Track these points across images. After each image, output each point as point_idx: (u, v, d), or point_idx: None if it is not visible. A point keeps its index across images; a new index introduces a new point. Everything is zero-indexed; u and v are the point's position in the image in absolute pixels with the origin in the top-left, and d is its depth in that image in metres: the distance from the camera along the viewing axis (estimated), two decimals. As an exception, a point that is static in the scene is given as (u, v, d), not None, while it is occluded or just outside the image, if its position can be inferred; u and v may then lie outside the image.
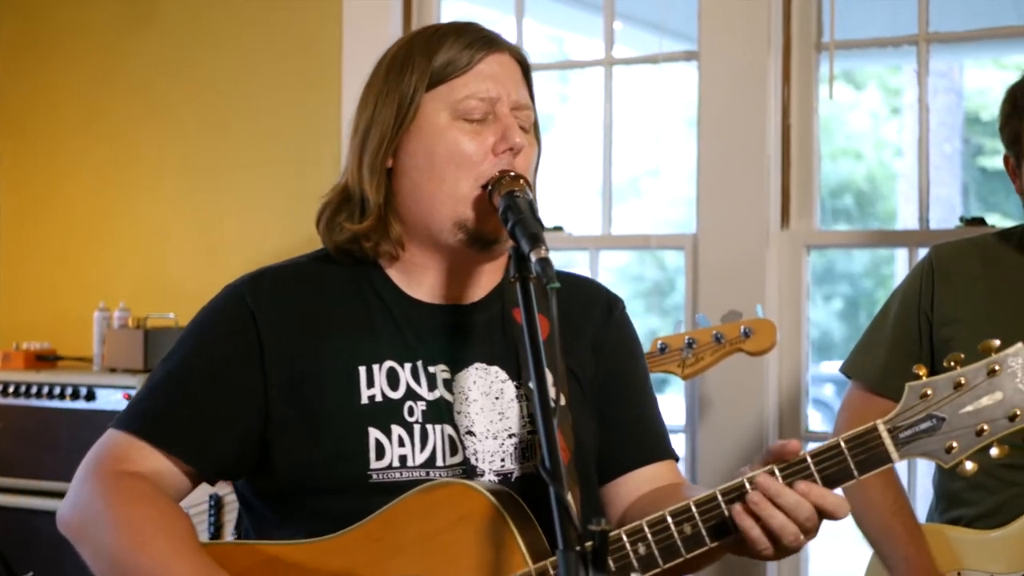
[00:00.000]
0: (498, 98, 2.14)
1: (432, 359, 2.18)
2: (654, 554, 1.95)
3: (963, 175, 9.02)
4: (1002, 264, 3.05)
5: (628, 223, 5.63)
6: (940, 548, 2.99)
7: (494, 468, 2.14)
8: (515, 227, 2.00)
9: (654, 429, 2.29)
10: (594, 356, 2.26)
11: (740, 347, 3.62)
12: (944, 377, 1.89)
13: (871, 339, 3.14)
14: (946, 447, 1.89)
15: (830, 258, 9.52)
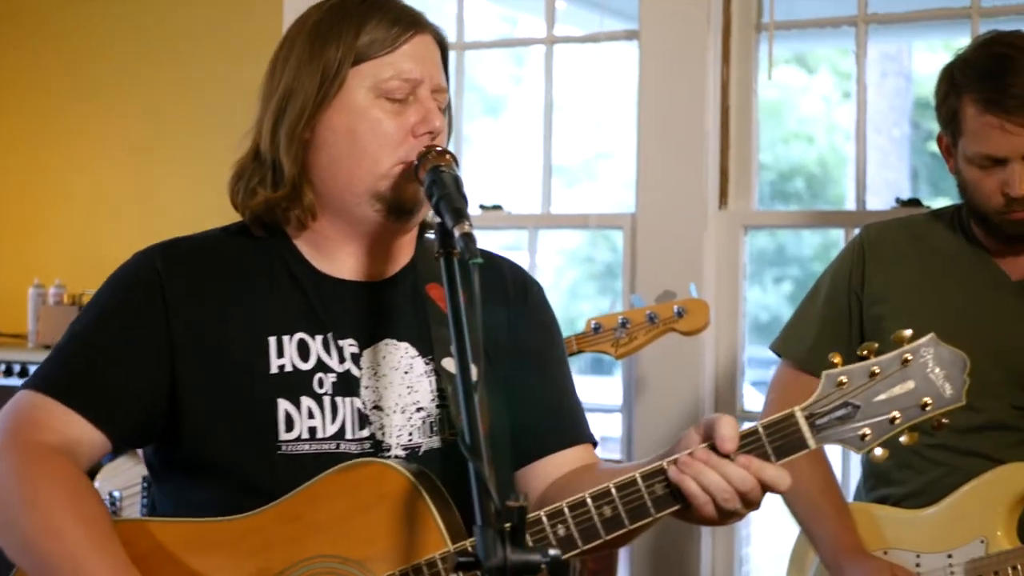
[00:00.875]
0: (421, 80, 2.15)
1: (342, 333, 2.17)
2: (573, 535, 1.96)
3: (913, 159, 9.05)
4: (933, 243, 3.06)
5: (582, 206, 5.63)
6: (867, 526, 2.99)
7: (401, 442, 2.14)
8: (439, 202, 1.99)
9: (571, 413, 2.30)
10: (508, 336, 2.26)
11: (673, 327, 3.63)
12: (859, 366, 1.92)
13: (801, 317, 3.15)
14: (860, 435, 1.92)
15: (780, 241, 9.56)
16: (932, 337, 1.92)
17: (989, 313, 2.95)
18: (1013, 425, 2.92)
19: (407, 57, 2.14)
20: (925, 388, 1.91)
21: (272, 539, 2.04)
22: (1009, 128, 2.81)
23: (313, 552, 2.03)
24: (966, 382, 1.92)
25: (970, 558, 2.87)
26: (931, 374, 1.91)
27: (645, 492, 1.96)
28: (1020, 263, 2.99)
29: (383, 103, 2.14)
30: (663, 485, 1.95)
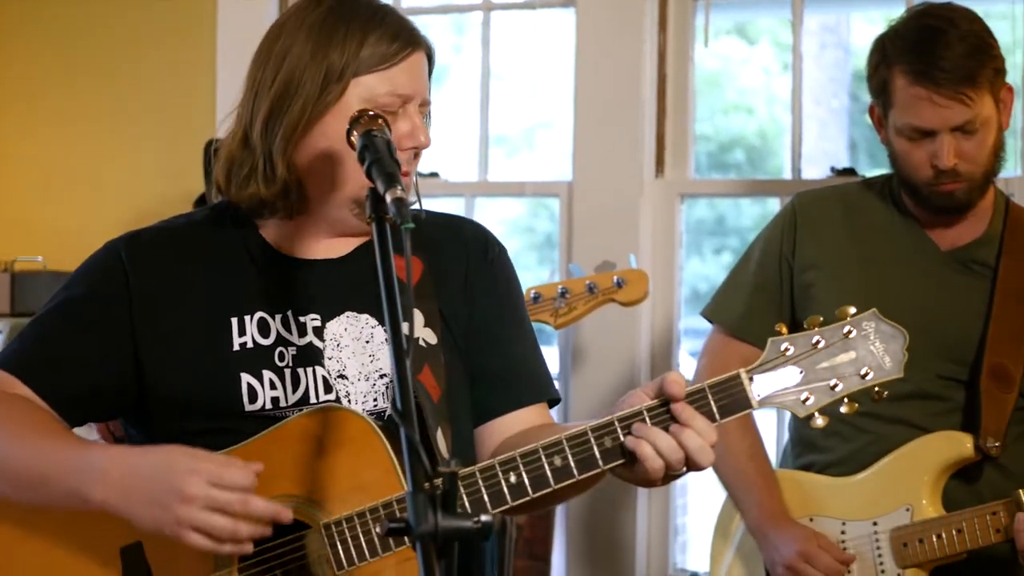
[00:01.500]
0: (412, 96, 2.20)
1: (303, 310, 2.23)
2: (524, 483, 2.03)
3: (851, 131, 9.09)
4: (864, 211, 3.08)
5: (521, 175, 5.63)
6: (794, 493, 3.02)
7: (367, 408, 2.20)
8: (371, 167, 2.01)
9: (530, 371, 2.34)
10: (466, 297, 2.30)
11: (613, 297, 3.64)
12: (803, 335, 2.01)
13: (733, 284, 3.16)
14: (802, 399, 2.01)
15: (720, 212, 9.59)
16: (874, 312, 2.00)
17: (917, 283, 2.97)
18: (938, 395, 2.95)
19: (402, 73, 2.19)
20: (865, 359, 2.01)
21: None
22: (938, 100, 2.83)
23: (276, 491, 2.07)
24: (905, 356, 2.00)
25: (895, 526, 2.90)
26: (872, 347, 2.01)
27: (595, 445, 2.02)
28: (949, 234, 3.01)
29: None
30: (612, 439, 2.02)
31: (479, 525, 1.69)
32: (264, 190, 2.19)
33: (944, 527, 2.85)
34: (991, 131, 2.88)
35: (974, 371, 2.93)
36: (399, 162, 2.03)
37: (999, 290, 2.95)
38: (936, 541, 2.85)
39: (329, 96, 2.15)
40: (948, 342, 2.94)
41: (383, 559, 2.04)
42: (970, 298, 2.97)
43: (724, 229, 9.84)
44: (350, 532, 2.05)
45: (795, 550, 2.90)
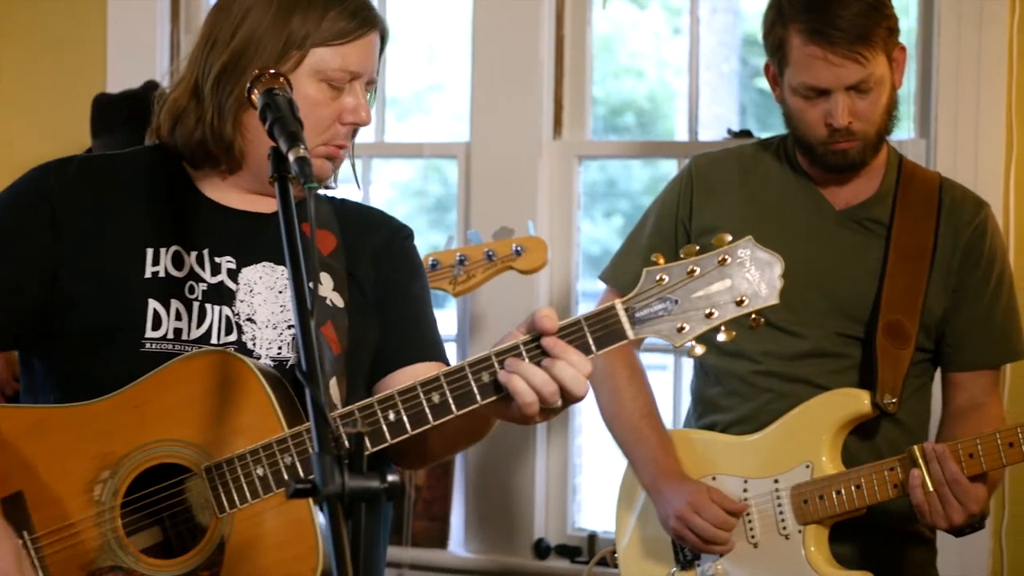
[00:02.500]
0: (361, 74, 2.23)
1: (220, 251, 2.26)
2: (403, 420, 2.04)
3: (741, 95, 9.14)
4: (760, 173, 3.09)
5: (416, 137, 5.60)
6: (696, 453, 3.04)
7: (271, 354, 2.23)
8: (273, 125, 2.00)
9: (428, 333, 2.39)
10: (375, 268, 2.35)
11: (511, 265, 3.64)
12: (678, 264, 1.99)
13: (629, 247, 3.17)
14: (678, 327, 1.99)
15: (611, 174, 9.61)
16: (749, 239, 1.99)
17: (813, 243, 3.00)
18: (837, 352, 2.99)
19: (356, 51, 2.22)
20: (741, 287, 1.98)
21: (116, 424, 2.12)
22: (833, 60, 2.84)
23: (155, 436, 2.10)
24: (781, 282, 1.97)
25: (796, 483, 2.93)
26: (748, 274, 1.98)
27: (472, 380, 2.02)
28: (843, 192, 3.04)
29: (323, 87, 2.21)
30: (490, 373, 2.02)
31: (386, 485, 1.68)
32: (210, 145, 2.22)
33: (843, 483, 2.88)
34: (885, 90, 2.90)
35: (870, 328, 2.97)
36: (302, 121, 2.02)
37: (893, 247, 2.98)
38: (836, 497, 2.88)
39: (287, 63, 2.18)
40: (845, 300, 2.98)
41: (264, 501, 2.06)
42: (865, 256, 3.00)
43: (615, 192, 9.87)
44: (231, 475, 2.07)
45: (686, 501, 2.92)
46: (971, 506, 2.77)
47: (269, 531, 2.07)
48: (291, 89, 2.09)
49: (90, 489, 2.12)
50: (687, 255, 1.99)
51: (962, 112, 3.86)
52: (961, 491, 2.77)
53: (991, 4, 3.83)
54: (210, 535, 2.08)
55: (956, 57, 3.83)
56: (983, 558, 3.84)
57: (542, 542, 4.36)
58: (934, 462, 2.77)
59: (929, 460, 2.78)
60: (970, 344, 3.01)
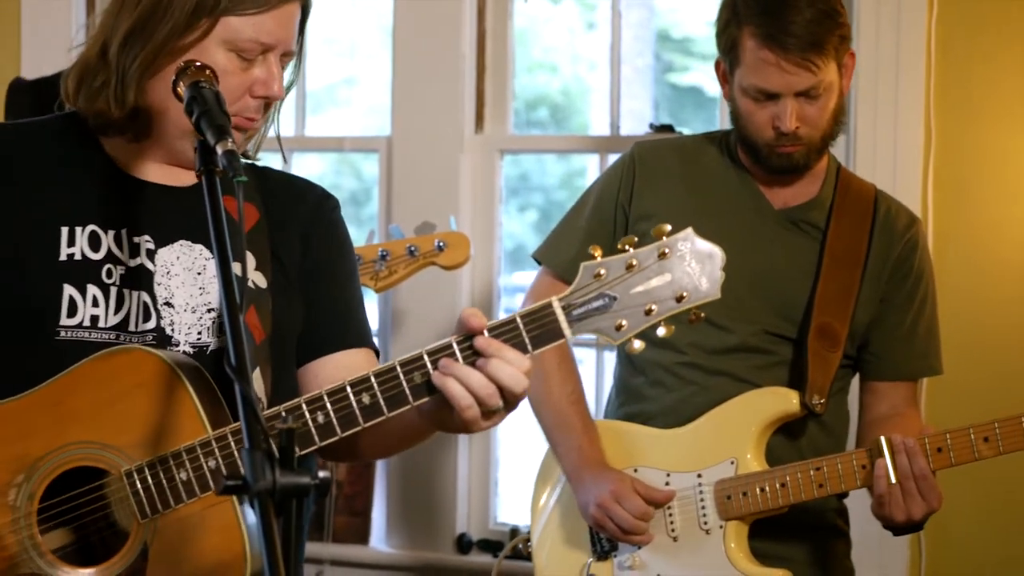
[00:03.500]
0: (275, 45, 2.14)
1: (137, 230, 2.17)
2: (332, 422, 1.98)
3: (655, 90, 9.17)
4: (702, 165, 3.10)
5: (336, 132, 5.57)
6: (620, 444, 3.04)
7: (190, 340, 2.15)
8: (200, 119, 1.96)
9: (356, 318, 2.32)
10: (302, 245, 2.28)
11: (434, 260, 3.62)
12: (617, 258, 1.92)
13: (566, 228, 3.16)
14: (616, 325, 1.92)
15: (525, 169, 9.63)
16: (689, 231, 1.92)
17: (750, 239, 3.01)
18: (764, 349, 3.00)
19: (272, 21, 2.12)
20: (681, 281, 1.91)
21: (32, 425, 2.04)
22: (786, 66, 2.85)
23: (73, 438, 2.03)
24: (722, 276, 1.92)
25: (720, 478, 2.94)
26: (688, 267, 1.91)
27: (404, 380, 1.96)
28: (783, 193, 3.05)
29: (233, 57, 2.12)
30: (422, 374, 1.96)
31: (317, 481, 1.66)
32: (113, 110, 2.13)
33: (768, 481, 2.89)
34: (833, 96, 2.92)
35: (802, 329, 2.99)
36: (229, 114, 1.98)
37: (828, 252, 3.00)
38: (759, 494, 2.90)
39: (196, 31, 2.09)
40: (777, 299, 2.99)
41: (189, 505, 1.99)
42: (800, 257, 3.02)
43: (529, 186, 9.87)
44: (153, 479, 1.99)
45: (609, 489, 2.91)
46: (933, 503, 2.80)
47: (194, 537, 2.00)
48: (217, 82, 2.05)
49: (4, 493, 2.04)
50: (625, 246, 1.92)
51: (881, 110, 3.90)
52: (927, 487, 2.79)
53: (909, 3, 3.87)
54: (132, 541, 2.01)
55: (875, 55, 3.87)
56: (902, 553, 3.89)
57: (464, 537, 4.35)
58: (902, 455, 2.79)
59: (897, 452, 2.79)
60: (893, 354, 3.04)
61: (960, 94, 3.90)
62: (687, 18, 6.63)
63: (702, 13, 5.97)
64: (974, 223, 3.88)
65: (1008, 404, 2.87)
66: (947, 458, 2.80)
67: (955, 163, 3.90)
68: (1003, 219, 3.87)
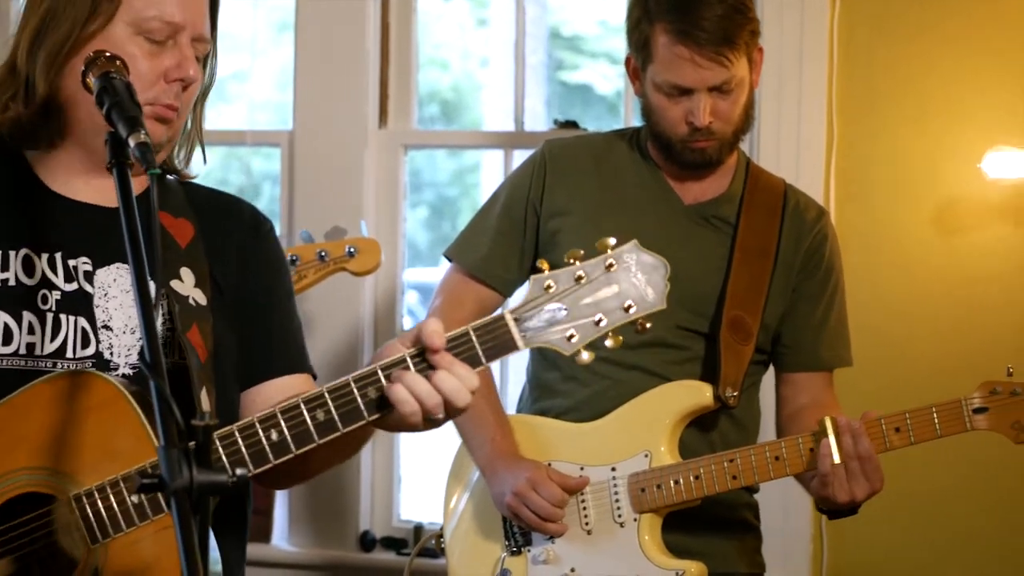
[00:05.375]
0: (182, 26, 2.09)
1: (73, 253, 2.13)
2: (286, 440, 1.95)
3: (548, 88, 9.20)
4: (613, 161, 3.11)
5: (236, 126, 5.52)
6: (533, 438, 3.04)
7: (130, 362, 2.10)
8: (111, 110, 1.92)
9: (295, 343, 2.30)
10: (238, 266, 2.24)
11: (344, 266, 3.61)
12: (565, 271, 1.95)
13: (477, 226, 3.16)
14: (567, 336, 1.94)
15: (416, 166, 9.58)
16: (634, 243, 1.95)
17: (661, 234, 3.01)
18: (676, 344, 3.01)
19: (174, 1, 2.08)
20: (628, 292, 1.94)
21: None
22: (699, 61, 2.87)
23: (19, 464, 1.99)
24: (667, 286, 1.95)
25: (633, 471, 2.94)
26: (634, 279, 1.94)
27: (358, 395, 1.95)
28: (693, 188, 3.07)
29: (141, 41, 2.08)
30: (376, 388, 1.95)
31: (235, 479, 1.65)
32: (23, 110, 2.09)
33: (682, 473, 2.90)
34: (744, 91, 2.95)
35: (714, 323, 3.01)
36: (140, 105, 1.95)
37: (739, 246, 3.02)
38: (674, 487, 2.91)
39: (99, 16, 2.05)
40: (689, 293, 3.00)
41: (141, 528, 1.95)
42: (711, 252, 3.04)
43: (420, 184, 9.85)
44: (103, 503, 1.94)
45: (525, 478, 2.92)
46: (876, 483, 2.83)
47: (147, 560, 1.96)
48: (128, 73, 2.01)
49: None
50: (572, 259, 1.95)
51: (784, 107, 3.94)
52: (871, 467, 2.81)
53: (813, 1, 3.91)
54: (82, 568, 1.96)
55: (779, 52, 3.90)
56: (804, 548, 3.93)
57: (367, 534, 4.33)
58: (847, 435, 2.80)
59: (842, 433, 2.81)
60: (806, 346, 3.07)
61: (862, 91, 3.95)
62: (577, 16, 6.66)
63: (592, 11, 5.99)
64: (875, 218, 3.94)
65: (909, 399, 2.90)
66: (906, 437, 2.83)
67: (857, 159, 3.96)
68: (904, 215, 3.93)
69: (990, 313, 3.85)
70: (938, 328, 3.89)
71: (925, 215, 3.90)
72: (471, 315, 3.11)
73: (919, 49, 3.91)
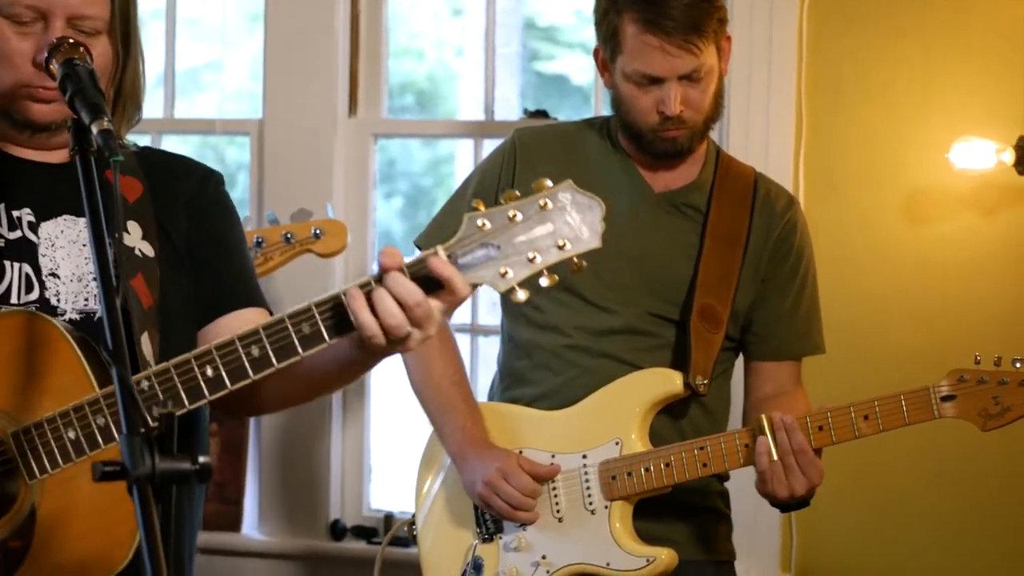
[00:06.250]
0: (48, 10, 2.09)
1: (17, 204, 2.16)
2: (221, 375, 1.97)
3: (522, 78, 9.20)
4: (583, 149, 3.11)
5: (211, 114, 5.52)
6: (504, 426, 3.04)
7: (77, 307, 2.14)
8: (74, 97, 1.95)
9: (248, 280, 2.32)
10: (189, 218, 2.26)
11: (310, 248, 3.60)
12: (499, 209, 1.96)
13: (448, 214, 3.15)
14: (500, 272, 1.95)
15: (391, 156, 9.60)
16: (569, 183, 1.95)
17: (632, 222, 3.02)
18: (647, 331, 3.01)
19: None
20: (562, 231, 1.94)
21: None
22: (669, 49, 2.87)
23: None
24: (602, 226, 1.95)
25: (604, 459, 2.94)
26: (569, 218, 1.94)
27: (292, 331, 1.96)
28: (663, 177, 3.07)
29: (9, 23, 2.09)
30: (310, 324, 1.96)
31: (197, 466, 1.64)
32: None
33: (653, 460, 2.91)
34: (714, 79, 2.96)
35: (684, 311, 3.00)
36: (103, 92, 1.97)
37: (709, 234, 3.02)
38: (644, 474, 2.91)
39: None
40: (660, 281, 3.01)
41: (77, 465, 1.98)
42: (682, 240, 3.04)
43: (394, 173, 9.86)
44: (40, 439, 1.99)
45: (496, 467, 2.92)
46: (814, 478, 2.83)
47: (84, 497, 1.99)
48: (91, 59, 2.03)
49: None
50: (507, 200, 1.96)
51: (753, 97, 3.94)
52: (807, 462, 2.82)
53: (783, -12, 3.93)
54: (19, 504, 2.00)
55: (748, 41, 3.91)
56: (774, 537, 3.95)
57: (338, 523, 4.33)
58: (782, 431, 2.82)
59: (777, 429, 2.82)
60: (775, 334, 3.08)
61: (831, 81, 3.96)
62: (552, 6, 6.65)
63: (567, 2, 5.99)
64: (844, 209, 3.95)
65: (878, 387, 2.91)
66: (828, 436, 2.84)
67: (825, 149, 3.96)
68: (872, 205, 3.94)
69: (958, 302, 3.87)
70: (906, 317, 3.91)
71: (893, 205, 3.91)
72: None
73: (887, 39, 3.92)
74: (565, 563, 2.95)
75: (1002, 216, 3.84)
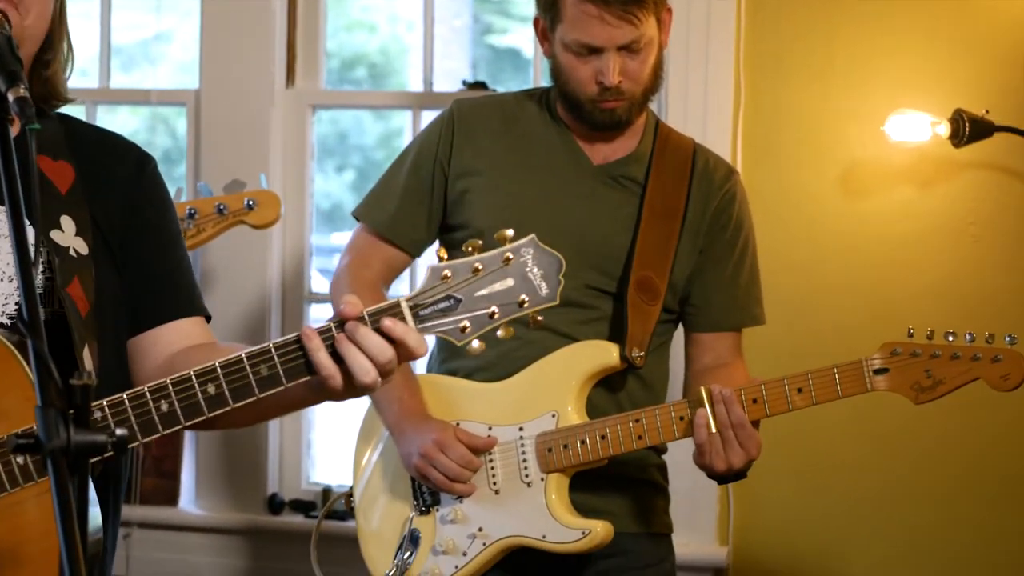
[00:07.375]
0: None
1: None
2: (176, 411, 1.94)
3: (473, 51, 9.17)
4: (523, 121, 3.10)
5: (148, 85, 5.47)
6: (440, 398, 3.03)
7: (7, 311, 2.05)
8: None
9: (186, 284, 2.27)
10: (121, 210, 2.19)
11: (243, 219, 3.57)
12: (463, 261, 1.97)
13: (385, 186, 3.14)
14: (460, 327, 1.98)
15: (343, 128, 9.56)
16: (532, 238, 1.98)
17: (570, 195, 3.02)
18: (585, 303, 3.00)
19: None
20: (523, 287, 1.97)
21: None
22: (608, 19, 2.86)
23: None
24: (561, 282, 1.99)
25: (541, 431, 2.94)
26: (529, 273, 1.97)
27: (250, 373, 1.95)
28: (602, 149, 3.06)
29: None
30: (268, 367, 1.95)
31: (114, 439, 1.61)
32: None
33: (588, 433, 2.90)
34: (653, 51, 2.95)
35: (622, 283, 3.00)
36: (21, 60, 1.90)
37: (647, 206, 3.02)
38: (580, 447, 2.90)
39: None
40: (597, 253, 3.00)
41: (24, 489, 1.94)
42: (620, 212, 3.03)
43: (346, 147, 9.82)
44: None
45: (432, 439, 2.91)
46: (752, 450, 2.84)
47: (30, 521, 1.94)
48: (10, 26, 1.97)
49: None
50: (471, 250, 1.98)
51: (692, 69, 3.93)
52: (745, 435, 2.82)
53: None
54: None
55: (686, 13, 3.89)
56: (711, 509, 3.96)
57: (276, 497, 4.31)
58: (720, 404, 2.82)
59: (716, 402, 2.82)
60: (714, 305, 3.08)
61: (769, 53, 3.95)
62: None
63: (520, -25, 5.97)
64: (783, 181, 3.95)
65: (814, 360, 2.92)
66: (762, 409, 2.85)
67: (764, 122, 3.96)
68: (811, 177, 3.94)
69: (894, 275, 3.88)
70: (843, 289, 3.91)
71: (831, 177, 3.92)
72: (378, 275, 3.10)
73: (825, 12, 3.91)
74: (501, 535, 2.95)
75: (938, 189, 3.85)
